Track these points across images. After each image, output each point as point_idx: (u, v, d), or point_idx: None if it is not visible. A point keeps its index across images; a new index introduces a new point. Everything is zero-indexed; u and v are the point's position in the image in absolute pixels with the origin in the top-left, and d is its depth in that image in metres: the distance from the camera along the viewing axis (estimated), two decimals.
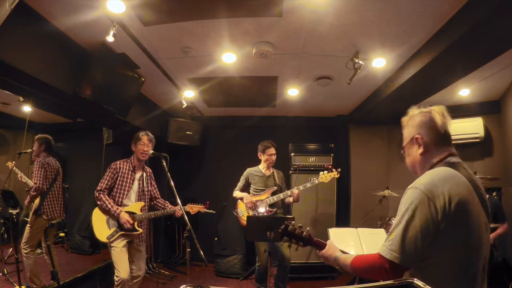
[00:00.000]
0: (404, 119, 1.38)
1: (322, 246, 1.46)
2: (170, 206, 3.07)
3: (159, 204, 3.11)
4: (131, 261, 2.85)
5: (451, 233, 1.08)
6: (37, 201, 3.17)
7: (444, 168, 1.18)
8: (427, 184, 1.12)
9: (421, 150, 1.27)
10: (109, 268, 3.81)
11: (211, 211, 3.13)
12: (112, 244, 2.73)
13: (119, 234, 2.76)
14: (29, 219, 3.17)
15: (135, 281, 2.86)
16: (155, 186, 3.14)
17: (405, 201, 1.15)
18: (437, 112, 1.27)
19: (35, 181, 3.14)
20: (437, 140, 1.25)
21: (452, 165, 1.19)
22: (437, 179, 1.12)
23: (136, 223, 2.82)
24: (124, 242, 2.79)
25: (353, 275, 4.02)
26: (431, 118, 1.26)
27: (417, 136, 1.27)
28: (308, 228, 1.53)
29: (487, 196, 1.23)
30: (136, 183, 2.94)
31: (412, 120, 1.32)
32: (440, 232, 1.07)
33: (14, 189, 3.62)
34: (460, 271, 1.09)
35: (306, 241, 1.49)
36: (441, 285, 1.08)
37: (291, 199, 3.59)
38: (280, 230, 1.52)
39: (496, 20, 2.06)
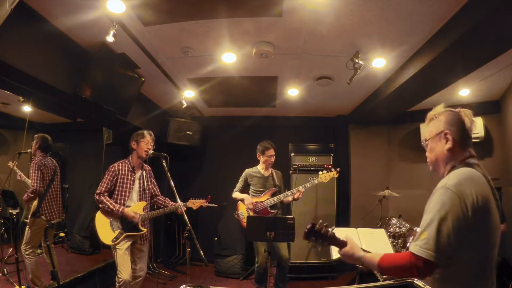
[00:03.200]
0: (431, 114, 1.39)
1: (344, 245, 1.46)
2: (171, 203, 3.06)
3: (160, 202, 3.10)
4: (132, 261, 2.85)
5: (477, 232, 1.13)
6: (35, 203, 3.16)
7: (467, 168, 1.23)
8: (457, 185, 1.16)
9: (449, 145, 1.29)
10: (109, 268, 3.82)
11: (213, 205, 3.12)
12: (116, 246, 2.72)
13: (124, 235, 2.75)
14: (28, 221, 3.16)
15: (136, 281, 2.86)
16: (155, 183, 3.13)
17: (436, 201, 1.18)
18: (466, 114, 1.32)
19: (32, 183, 3.11)
20: (463, 140, 1.29)
21: (471, 166, 1.25)
22: (464, 180, 1.17)
23: (140, 223, 2.82)
24: (128, 243, 2.78)
25: (353, 275, 4.03)
26: (460, 118, 1.31)
27: (447, 131, 1.29)
28: (333, 227, 1.50)
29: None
30: (136, 183, 2.92)
31: (442, 116, 1.34)
32: (469, 230, 1.12)
33: (14, 189, 3.61)
34: (480, 269, 1.15)
35: (331, 240, 1.48)
36: (462, 283, 1.13)
37: (290, 198, 3.57)
38: (306, 230, 1.47)
39: (496, 20, 2.06)
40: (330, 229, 1.49)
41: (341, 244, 1.46)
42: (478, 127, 4.13)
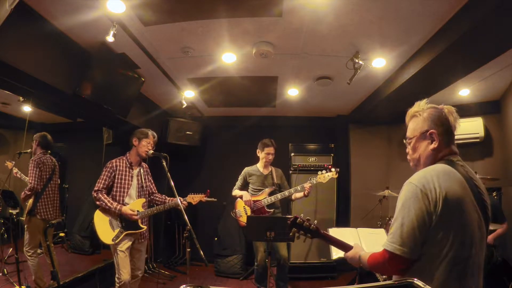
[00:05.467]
0: (413, 110, 1.35)
1: (328, 239, 1.56)
2: (168, 199, 3.03)
3: (157, 199, 3.07)
4: (130, 260, 2.83)
5: (442, 227, 1.11)
6: (30, 201, 3.12)
7: (440, 164, 1.21)
8: (420, 179, 1.16)
9: (434, 145, 1.25)
10: (109, 268, 3.81)
11: (213, 199, 3.11)
12: (117, 247, 2.70)
13: (124, 234, 2.73)
14: (23, 219, 3.14)
15: (133, 280, 2.84)
16: (152, 181, 3.10)
17: (401, 196, 1.20)
18: (450, 111, 1.28)
19: (30, 181, 3.07)
20: (447, 138, 1.26)
21: (450, 162, 1.22)
22: (429, 175, 1.16)
23: (139, 220, 2.80)
24: (129, 244, 2.76)
25: (353, 275, 4.03)
26: (445, 115, 1.27)
27: (432, 131, 1.25)
28: (316, 221, 1.61)
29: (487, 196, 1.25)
30: (135, 179, 2.89)
31: (426, 113, 1.29)
32: (433, 224, 1.11)
33: (14, 189, 3.61)
34: (449, 267, 1.11)
35: (314, 233, 1.58)
36: (430, 278, 1.11)
37: (298, 195, 3.53)
38: (288, 222, 1.59)
39: (496, 20, 2.06)
40: (312, 224, 1.58)
41: (327, 238, 1.56)
42: (478, 127, 4.13)
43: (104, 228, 2.72)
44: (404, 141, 1.41)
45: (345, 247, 1.51)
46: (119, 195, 2.79)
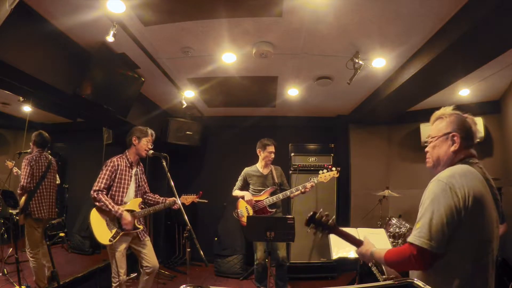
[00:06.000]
0: (440, 112, 1.42)
1: (343, 234, 1.56)
2: (161, 198, 3.01)
3: (150, 198, 3.04)
4: (141, 258, 2.81)
5: (468, 224, 1.17)
6: (23, 199, 3.09)
7: (463, 165, 1.29)
8: (448, 177, 1.22)
9: (455, 148, 1.33)
10: (109, 268, 3.81)
11: (204, 200, 3.15)
12: (114, 247, 2.66)
13: (121, 234, 2.69)
14: (18, 218, 3.12)
15: (148, 277, 2.82)
16: (146, 181, 3.08)
17: (429, 192, 1.24)
18: (473, 121, 1.41)
19: (21, 179, 3.05)
20: (466, 142, 1.34)
21: (470, 164, 1.30)
22: (456, 173, 1.23)
23: (136, 220, 2.77)
24: (125, 244, 2.75)
25: (353, 275, 4.03)
26: (468, 123, 1.38)
27: (455, 133, 1.33)
28: (334, 216, 1.60)
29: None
30: (133, 179, 2.87)
31: (452, 117, 1.38)
32: (461, 221, 1.16)
33: (14, 189, 3.61)
34: (473, 262, 1.17)
35: (331, 229, 1.58)
36: (456, 274, 1.17)
37: (297, 193, 3.53)
38: (307, 218, 1.58)
39: (496, 20, 2.06)
40: (330, 219, 1.58)
41: (343, 234, 1.56)
42: (478, 127, 4.13)
43: (101, 229, 2.67)
44: (425, 139, 1.48)
45: (357, 243, 1.55)
46: (118, 195, 2.76)
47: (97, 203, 2.69)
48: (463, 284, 1.16)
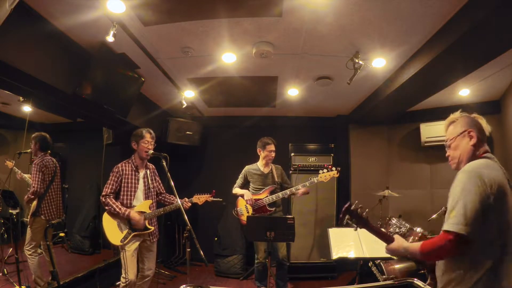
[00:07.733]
0: (452, 117, 1.58)
1: (374, 230, 1.61)
2: (176, 199, 3.05)
3: (166, 199, 3.12)
4: (141, 260, 2.86)
5: (495, 212, 1.26)
6: (34, 203, 3.17)
7: (483, 159, 1.41)
8: (475, 168, 1.33)
9: (473, 141, 1.46)
10: (109, 268, 3.82)
11: (219, 199, 3.16)
12: (126, 248, 2.73)
13: (132, 235, 2.76)
14: (28, 221, 3.17)
15: (144, 280, 2.86)
16: (159, 181, 3.14)
17: (458, 182, 1.33)
18: (480, 117, 1.55)
19: (33, 185, 3.12)
20: (481, 136, 1.48)
21: (490, 158, 1.42)
22: (482, 166, 1.34)
23: (147, 221, 2.83)
24: (137, 244, 2.80)
25: (353, 275, 4.03)
26: (479, 121, 1.53)
27: (471, 129, 1.48)
28: (367, 209, 1.63)
29: None
30: (141, 182, 2.92)
31: (463, 118, 1.54)
32: (490, 205, 1.25)
33: (14, 189, 3.61)
34: (501, 248, 1.27)
35: (364, 222, 1.62)
36: (485, 259, 1.26)
37: (300, 191, 3.55)
38: (343, 209, 1.61)
39: (496, 20, 2.06)
40: (364, 212, 1.62)
41: (385, 236, 1.58)
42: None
43: (113, 230, 2.76)
44: (445, 143, 1.58)
45: (387, 239, 1.58)
46: (126, 199, 2.83)
47: (106, 208, 2.78)
48: (492, 267, 1.24)
